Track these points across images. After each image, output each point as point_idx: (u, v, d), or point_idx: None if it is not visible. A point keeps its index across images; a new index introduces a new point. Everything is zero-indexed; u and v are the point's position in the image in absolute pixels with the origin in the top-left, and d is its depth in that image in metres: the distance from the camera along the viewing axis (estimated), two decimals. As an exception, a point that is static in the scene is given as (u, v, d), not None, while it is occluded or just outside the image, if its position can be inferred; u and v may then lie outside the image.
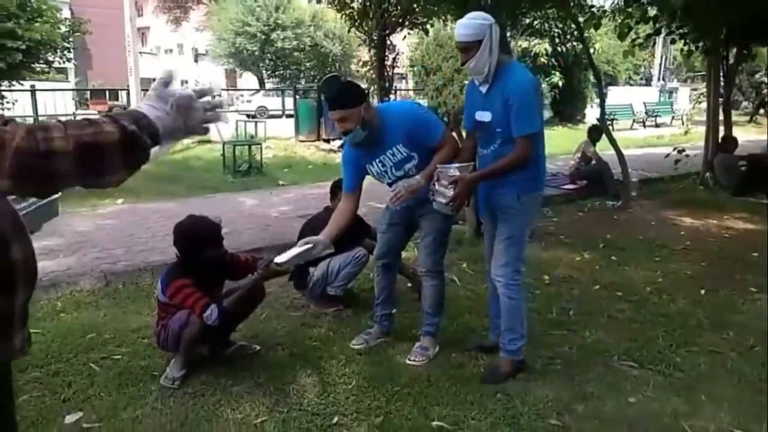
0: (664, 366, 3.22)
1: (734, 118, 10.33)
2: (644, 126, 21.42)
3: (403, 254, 4.19)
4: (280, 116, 17.07)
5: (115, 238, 5.71)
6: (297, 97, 14.02)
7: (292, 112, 14.14)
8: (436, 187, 2.92)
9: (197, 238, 3.01)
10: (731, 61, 9.22)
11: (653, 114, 22.24)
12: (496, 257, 3.05)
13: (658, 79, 32.54)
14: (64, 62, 16.66)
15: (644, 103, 22.55)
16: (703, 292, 4.40)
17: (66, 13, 28.34)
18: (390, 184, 3.16)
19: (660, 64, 33.22)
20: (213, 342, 3.26)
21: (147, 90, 1.27)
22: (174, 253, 3.12)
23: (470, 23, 2.83)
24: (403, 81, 25.91)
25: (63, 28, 15.83)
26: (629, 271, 4.90)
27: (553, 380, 3.05)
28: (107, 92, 25.95)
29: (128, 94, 10.66)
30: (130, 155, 1.13)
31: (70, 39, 15.94)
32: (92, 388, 2.99)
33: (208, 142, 13.13)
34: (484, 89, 2.93)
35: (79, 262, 4.98)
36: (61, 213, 6.77)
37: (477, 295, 4.30)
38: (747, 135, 15.16)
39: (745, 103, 29.57)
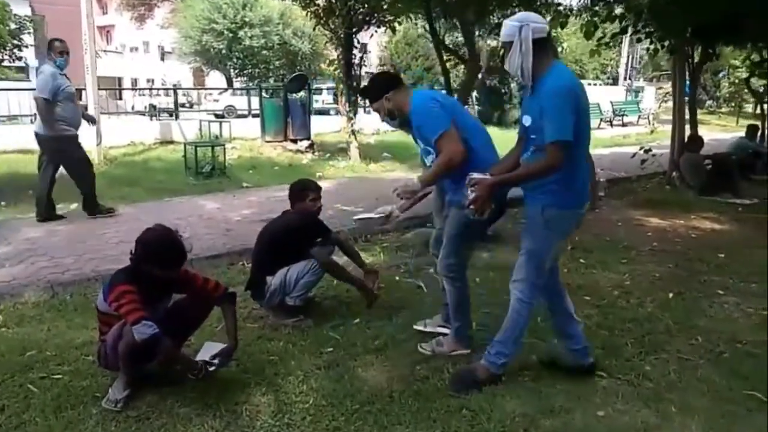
0: (633, 375, 3.13)
1: (699, 116, 10.47)
2: (611, 125, 21.65)
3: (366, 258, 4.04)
4: (246, 116, 16.74)
5: (65, 245, 5.43)
6: (263, 96, 13.72)
7: (258, 112, 13.85)
8: (468, 191, 2.85)
9: (157, 253, 2.80)
10: (696, 60, 9.29)
11: (620, 113, 22.47)
12: (517, 270, 2.96)
13: (625, 78, 32.91)
14: (13, 60, 16.09)
15: (611, 103, 22.76)
16: (671, 295, 4.35)
17: (26, 11, 27.56)
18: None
19: (627, 63, 33.61)
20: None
21: (105, 89, 1.12)
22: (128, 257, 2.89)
23: (505, 23, 2.81)
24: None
25: (12, 26, 15.24)
26: (597, 274, 4.83)
27: (520, 393, 2.93)
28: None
29: (85, 94, 10.27)
30: None
31: (21, 37, 15.41)
32: (27, 413, 2.76)
33: (171, 142, 12.84)
34: (528, 93, 2.86)
35: (25, 271, 4.71)
36: (13, 219, 6.48)
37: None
38: (712, 133, 15.41)
39: (709, 102, 30.17)
